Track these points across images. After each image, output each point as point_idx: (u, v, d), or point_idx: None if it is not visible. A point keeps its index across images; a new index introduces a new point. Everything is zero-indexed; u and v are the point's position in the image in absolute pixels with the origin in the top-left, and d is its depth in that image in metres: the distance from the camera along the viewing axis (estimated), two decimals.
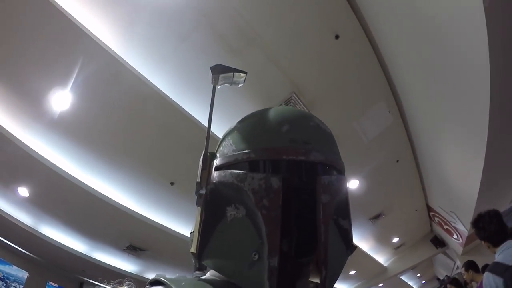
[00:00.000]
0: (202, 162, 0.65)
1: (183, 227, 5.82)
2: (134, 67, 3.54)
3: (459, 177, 5.26)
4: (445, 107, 4.01)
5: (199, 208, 0.63)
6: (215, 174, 0.61)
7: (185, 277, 0.61)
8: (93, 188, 4.64)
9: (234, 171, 0.58)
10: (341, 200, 0.61)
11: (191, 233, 2.36)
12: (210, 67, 1.07)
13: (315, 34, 3.73)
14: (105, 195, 4.80)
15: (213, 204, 0.61)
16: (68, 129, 3.95)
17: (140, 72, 3.59)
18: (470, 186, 4.89)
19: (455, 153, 4.80)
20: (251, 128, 0.62)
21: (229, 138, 0.64)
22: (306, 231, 0.56)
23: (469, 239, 6.98)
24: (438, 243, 9.28)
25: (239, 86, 1.33)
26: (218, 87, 1.07)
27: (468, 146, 4.22)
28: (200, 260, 0.60)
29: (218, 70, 1.27)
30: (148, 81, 3.65)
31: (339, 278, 0.60)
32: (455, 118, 4.01)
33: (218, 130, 4.28)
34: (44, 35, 3.08)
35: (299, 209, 0.56)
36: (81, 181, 4.51)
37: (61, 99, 3.56)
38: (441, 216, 7.61)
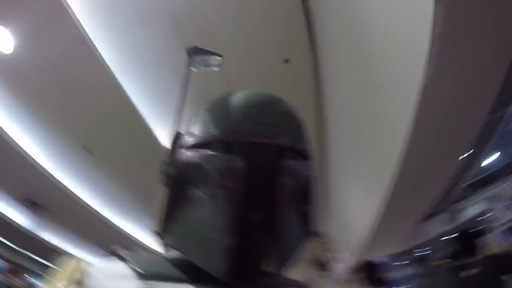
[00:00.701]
0: (171, 141, 0.65)
1: (91, 196, 5.78)
2: (87, 32, 3.54)
3: (355, 216, 5.77)
4: (361, 147, 4.40)
5: (164, 187, 0.62)
6: (182, 153, 0.61)
7: (146, 253, 0.62)
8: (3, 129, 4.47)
9: (200, 151, 0.58)
10: (304, 185, 0.61)
11: None
12: (187, 49, 1.07)
13: (267, 55, 4.00)
14: (13, 139, 4.60)
15: (178, 184, 0.60)
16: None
17: (92, 39, 3.60)
18: (362, 227, 5.41)
19: (356, 193, 5.29)
20: (220, 110, 0.62)
21: (198, 118, 0.64)
22: (265, 214, 0.55)
23: (350, 271, 7.59)
24: (321, 267, 9.95)
25: (216, 70, 1.27)
26: (195, 70, 1.04)
27: (370, 190, 4.68)
28: (162, 240, 0.60)
29: (195, 52, 1.26)
30: (95, 49, 3.66)
31: None
32: (367, 160, 4.42)
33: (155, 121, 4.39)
34: None
35: (261, 191, 0.56)
36: None
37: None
38: (330, 243, 8.19)
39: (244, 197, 0.53)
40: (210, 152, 0.57)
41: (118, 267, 0.55)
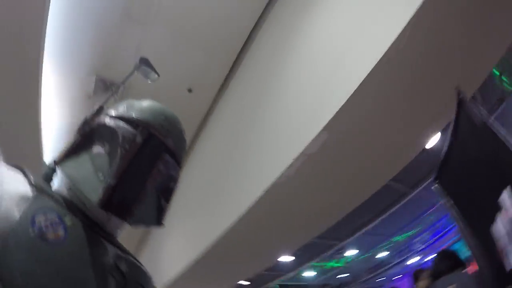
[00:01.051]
0: (95, 110, 0.89)
1: None
2: None
3: (168, 261, 5.61)
4: (201, 203, 4.41)
5: (77, 135, 0.86)
6: (102, 118, 0.85)
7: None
8: None
9: (118, 121, 0.83)
10: (170, 184, 0.88)
11: None
12: (141, 57, 1.53)
13: (171, 84, 3.91)
14: None
15: (89, 136, 0.84)
16: None
17: None
18: (169, 274, 5.29)
19: (178, 240, 5.21)
20: (144, 105, 0.87)
21: (126, 104, 0.88)
22: (139, 179, 0.80)
23: None
24: None
25: (149, 81, 1.74)
26: (136, 73, 1.21)
27: (187, 245, 4.70)
28: (56, 164, 0.82)
29: (144, 62, 1.61)
30: None
31: None
32: (199, 217, 4.44)
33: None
34: None
35: (143, 164, 0.81)
36: None
37: None
38: None
39: (131, 160, 0.78)
40: (125, 125, 0.82)
41: (18, 175, 0.71)
